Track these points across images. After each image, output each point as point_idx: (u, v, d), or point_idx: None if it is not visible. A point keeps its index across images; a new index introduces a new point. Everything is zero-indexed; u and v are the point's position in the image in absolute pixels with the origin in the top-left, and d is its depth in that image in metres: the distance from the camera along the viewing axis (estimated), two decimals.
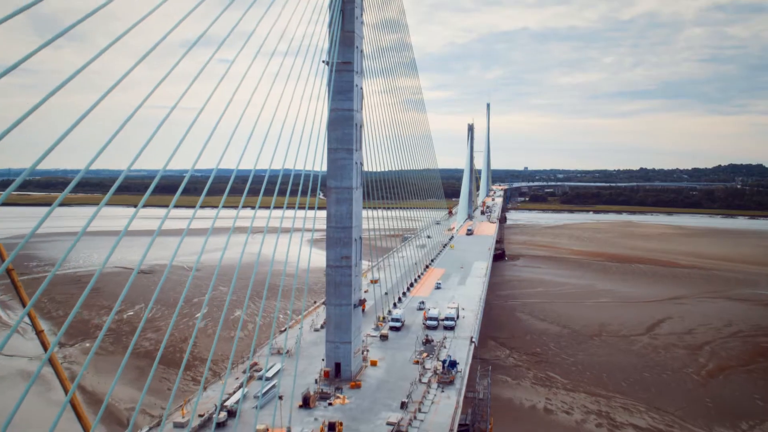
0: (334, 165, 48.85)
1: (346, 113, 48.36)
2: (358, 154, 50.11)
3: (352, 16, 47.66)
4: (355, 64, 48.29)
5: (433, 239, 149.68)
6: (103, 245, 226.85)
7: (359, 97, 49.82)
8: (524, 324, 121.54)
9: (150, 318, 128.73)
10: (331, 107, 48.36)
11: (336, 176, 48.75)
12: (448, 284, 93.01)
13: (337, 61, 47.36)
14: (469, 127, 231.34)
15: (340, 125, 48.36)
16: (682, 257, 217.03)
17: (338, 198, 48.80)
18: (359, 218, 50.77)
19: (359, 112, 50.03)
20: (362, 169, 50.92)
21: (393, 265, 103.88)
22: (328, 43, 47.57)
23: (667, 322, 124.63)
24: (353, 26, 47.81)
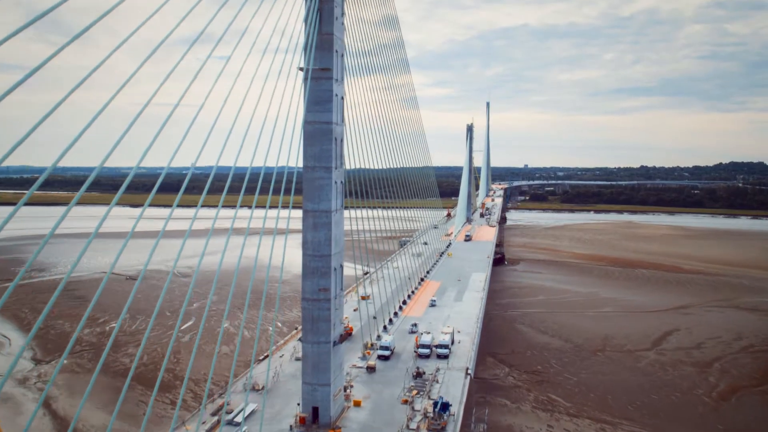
0: (310, 185, 43.24)
1: (323, 126, 42.81)
2: (339, 172, 44.53)
3: (330, 16, 42.06)
4: (335, 70, 42.71)
5: (430, 246, 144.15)
6: (96, 248, 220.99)
7: (340, 108, 44.23)
8: (525, 337, 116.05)
9: (133, 331, 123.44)
10: (307, 119, 42.82)
11: (313, 198, 43.21)
12: (443, 300, 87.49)
13: (313, 68, 41.80)
14: (468, 127, 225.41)
15: (317, 140, 42.84)
16: (686, 261, 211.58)
17: (315, 222, 43.25)
18: (340, 244, 45.26)
19: (340, 125, 44.46)
20: (343, 188, 45.38)
21: (387, 277, 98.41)
22: (305, 48, 42.11)
23: (674, 335, 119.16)
24: (332, 28, 42.23)
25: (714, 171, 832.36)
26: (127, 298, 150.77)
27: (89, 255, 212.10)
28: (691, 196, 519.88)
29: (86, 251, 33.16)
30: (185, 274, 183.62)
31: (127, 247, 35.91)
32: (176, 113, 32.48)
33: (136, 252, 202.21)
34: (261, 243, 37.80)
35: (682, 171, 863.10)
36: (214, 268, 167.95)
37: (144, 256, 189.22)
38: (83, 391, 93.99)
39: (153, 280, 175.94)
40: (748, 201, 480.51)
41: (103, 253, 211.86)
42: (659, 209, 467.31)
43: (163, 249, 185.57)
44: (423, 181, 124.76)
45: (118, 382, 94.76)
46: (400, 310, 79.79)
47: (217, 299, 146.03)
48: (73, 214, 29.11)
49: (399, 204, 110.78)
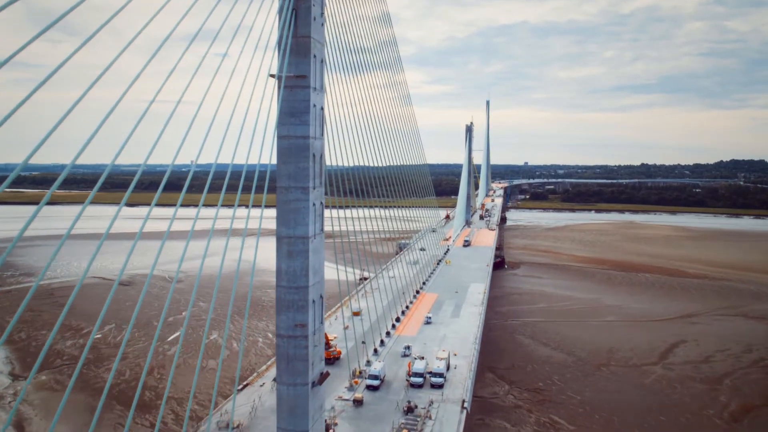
0: (285, 208, 38.19)
1: (300, 142, 37.79)
2: (318, 192, 39.53)
3: (307, 17, 36.99)
4: (313, 78, 37.67)
5: (427, 252, 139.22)
6: (87, 251, 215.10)
7: (319, 119, 39.17)
8: (525, 350, 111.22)
9: (118, 342, 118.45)
10: (280, 133, 37.84)
11: (288, 222, 38.19)
12: (439, 316, 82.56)
13: (287, 75, 36.79)
14: (467, 128, 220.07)
15: (292, 157, 37.83)
16: (691, 265, 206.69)
17: (290, 250, 38.26)
18: (320, 273, 40.29)
19: (319, 138, 39.44)
20: (323, 209, 40.30)
21: (381, 287, 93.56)
22: (279, 52, 37.10)
23: (680, 348, 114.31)
24: (309, 30, 37.19)
25: (715, 169, 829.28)
26: (115, 306, 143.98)
27: (81, 258, 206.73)
28: (693, 195, 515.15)
29: (80, 254, 29.82)
30: (181, 279, 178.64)
31: (121, 250, 32.99)
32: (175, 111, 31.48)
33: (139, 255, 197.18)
34: (256, 246, 35.16)
35: (683, 169, 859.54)
36: (210, 272, 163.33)
37: (140, 259, 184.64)
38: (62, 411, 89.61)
39: (143, 286, 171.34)
40: (750, 200, 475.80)
41: (107, 255, 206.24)
42: (661, 208, 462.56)
43: (168, 249, 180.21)
44: (419, 179, 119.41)
45: (97, 401, 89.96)
46: (392, 328, 74.93)
47: (207, 306, 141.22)
48: (70, 213, 30.67)
49: (393, 203, 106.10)
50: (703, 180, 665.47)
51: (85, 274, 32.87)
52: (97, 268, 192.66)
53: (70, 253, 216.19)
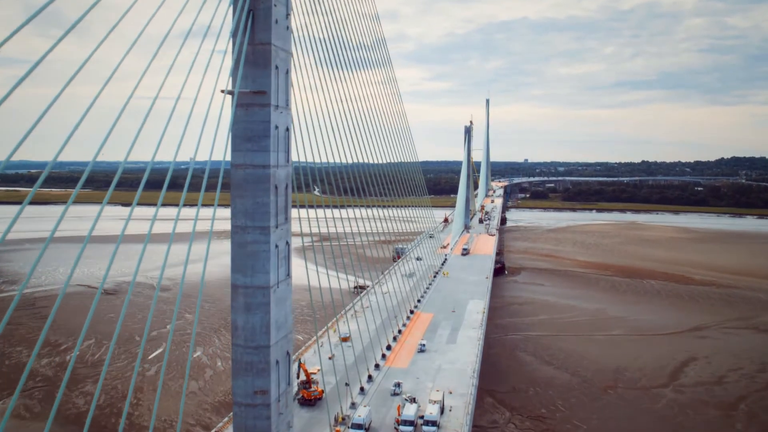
0: (240, 252, 31.57)
1: (258, 172, 31.23)
2: (282, 231, 32.95)
3: (267, 19, 30.38)
4: (275, 93, 30.98)
5: (424, 261, 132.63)
6: (75, 255, 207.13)
7: (284, 144, 32.49)
8: (527, 370, 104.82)
9: (96, 361, 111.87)
10: (234, 162, 31.28)
11: (244, 269, 31.61)
12: (435, 342, 75.94)
13: (242, 90, 30.25)
14: (466, 129, 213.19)
15: (248, 190, 31.24)
16: (696, 270, 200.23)
17: (248, 302, 31.64)
18: (286, 326, 33.66)
19: (284, 167, 32.75)
20: (290, 249, 33.66)
21: (373, 304, 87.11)
22: (232, 62, 30.52)
23: (691, 366, 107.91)
24: (269, 36, 30.56)
25: (716, 166, 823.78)
26: (97, 318, 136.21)
27: (69, 263, 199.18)
28: (695, 193, 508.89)
29: (67, 259, 24.79)
30: (164, 287, 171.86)
31: (109, 254, 28.64)
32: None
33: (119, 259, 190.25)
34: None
35: (684, 166, 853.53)
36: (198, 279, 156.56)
37: (127, 264, 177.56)
38: None
39: (132, 295, 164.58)
40: (753, 199, 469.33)
41: (83, 261, 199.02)
42: (663, 208, 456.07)
43: (147, 255, 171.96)
44: (411, 178, 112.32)
45: (66, 430, 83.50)
46: (383, 359, 68.49)
47: (193, 318, 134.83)
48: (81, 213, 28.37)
49: (386, 203, 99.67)
50: (704, 178, 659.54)
51: (64, 289, 29.09)
52: (81, 274, 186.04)
53: (57, 258, 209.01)
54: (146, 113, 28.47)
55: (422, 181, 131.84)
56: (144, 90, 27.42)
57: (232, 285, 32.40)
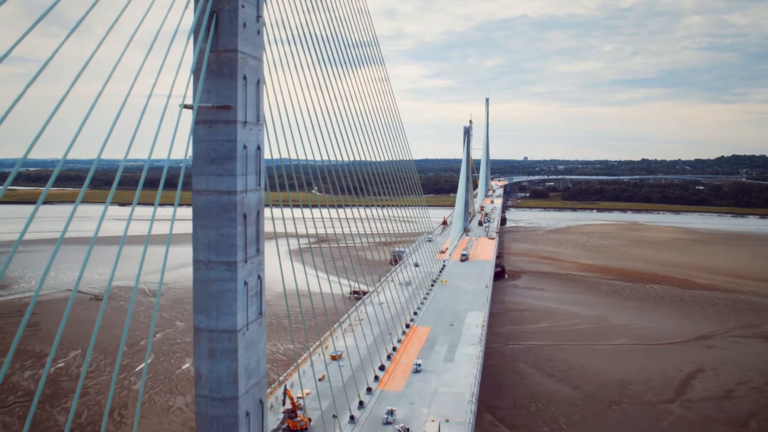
0: (204, 290, 27.50)
1: (223, 199, 27.12)
2: (252, 264, 28.89)
3: (233, 23, 26.27)
4: (242, 108, 26.82)
5: (422, 268, 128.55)
6: (74, 258, 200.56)
7: (254, 165, 28.29)
8: (528, 383, 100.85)
9: (78, 375, 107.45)
10: (196, 187, 27.22)
11: (208, 310, 27.47)
12: (431, 361, 71.74)
13: (204, 105, 26.17)
14: (465, 130, 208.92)
15: (212, 219, 27.13)
16: (700, 274, 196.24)
17: (212, 348, 27.45)
18: (258, 373, 29.49)
19: (255, 191, 28.56)
20: (262, 285, 29.55)
21: (367, 318, 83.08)
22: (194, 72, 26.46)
23: (698, 379, 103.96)
24: (236, 42, 26.43)
25: (716, 164, 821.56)
26: (86, 327, 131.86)
27: (66, 267, 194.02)
28: (696, 192, 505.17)
29: (65, 262, 21.64)
30: (156, 292, 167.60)
31: (107, 257, 25.90)
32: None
33: (110, 262, 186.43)
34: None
35: (684, 164, 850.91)
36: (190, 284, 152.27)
37: (121, 269, 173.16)
38: None
39: (121, 301, 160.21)
40: (754, 198, 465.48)
41: (74, 264, 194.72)
42: (664, 207, 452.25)
43: (136, 259, 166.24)
44: (404, 177, 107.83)
45: None
46: (375, 381, 64.39)
47: (183, 327, 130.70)
48: (65, 213, 26.95)
49: (381, 203, 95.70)
50: (705, 176, 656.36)
51: (35, 296, 25.67)
52: (72, 279, 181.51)
53: (55, 261, 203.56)
54: (117, 113, 25.06)
55: (417, 180, 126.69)
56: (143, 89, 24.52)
57: (195, 328, 28.34)
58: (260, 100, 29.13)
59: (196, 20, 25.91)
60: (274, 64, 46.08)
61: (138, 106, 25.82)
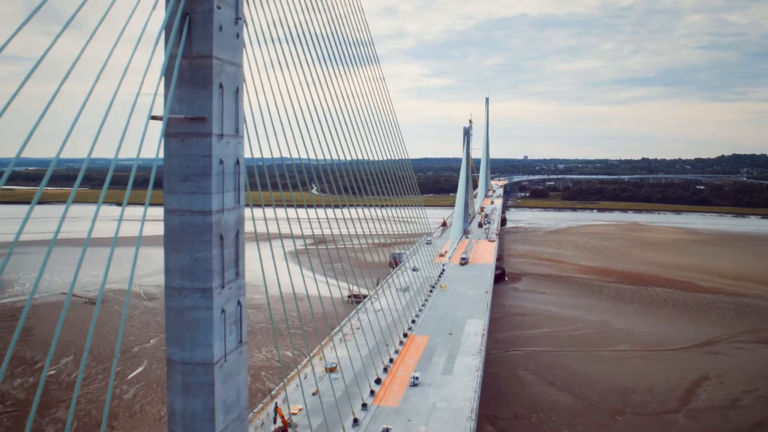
0: (177, 319, 25.03)
1: (197, 220, 24.66)
2: (231, 290, 26.46)
3: (207, 26, 23.81)
4: (218, 119, 24.32)
5: (420, 272, 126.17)
6: (70, 260, 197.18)
7: (233, 181, 25.78)
8: (529, 391, 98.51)
9: (72, 381, 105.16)
10: (168, 206, 24.85)
11: (182, 341, 24.96)
12: (429, 373, 69.27)
13: (175, 116, 23.79)
14: (465, 131, 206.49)
15: (185, 241, 24.64)
16: (703, 276, 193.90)
17: (187, 383, 24.92)
18: (239, 405, 27.14)
19: (233, 209, 26.09)
20: (243, 310, 27.16)
21: (364, 326, 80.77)
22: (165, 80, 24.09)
23: (703, 387, 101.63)
24: (210, 46, 23.95)
25: (717, 164, 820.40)
26: (81, 331, 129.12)
27: (60, 270, 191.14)
28: (697, 192, 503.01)
29: (60, 264, 19.79)
30: (152, 295, 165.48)
31: (100, 259, 24.10)
32: None
33: (115, 266, 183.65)
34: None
35: (684, 164, 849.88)
36: None
37: (117, 270, 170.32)
38: None
39: (116, 304, 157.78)
40: (756, 198, 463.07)
41: (70, 267, 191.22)
42: (665, 207, 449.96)
43: (139, 261, 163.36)
44: (400, 177, 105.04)
45: None
46: (371, 395, 62.02)
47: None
48: (56, 213, 25.02)
49: (378, 203, 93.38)
50: (705, 175, 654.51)
51: (30, 299, 23.40)
52: (67, 282, 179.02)
53: (49, 263, 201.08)
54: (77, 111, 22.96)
55: (414, 180, 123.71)
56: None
57: (168, 360, 25.97)
58: (239, 110, 26.70)
59: (164, 22, 23.47)
60: (264, 64, 43.75)
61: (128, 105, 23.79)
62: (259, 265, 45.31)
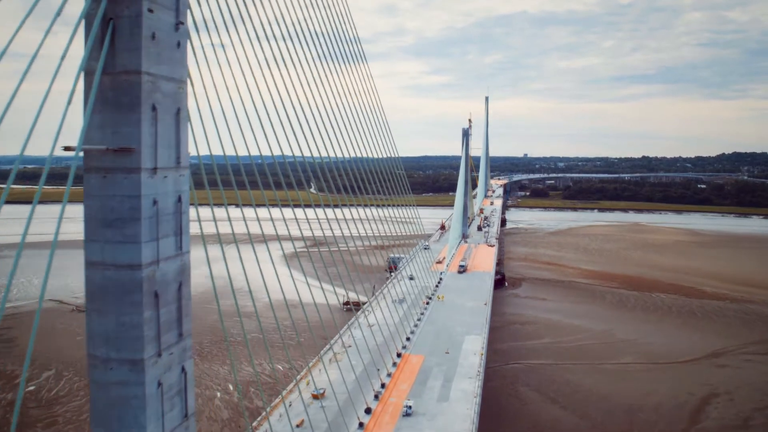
0: (101, 395, 20.06)
1: (124, 275, 19.92)
2: (170, 357, 21.51)
3: (135, 34, 19.02)
4: (149, 151, 19.26)
5: (417, 281, 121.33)
6: (61, 264, 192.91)
7: (172, 225, 21.00)
8: (530, 410, 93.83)
9: (52, 398, 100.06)
10: (88, 258, 19.97)
11: (107, 423, 19.86)
12: (423, 400, 64.27)
13: (90, 148, 18.98)
14: (464, 131, 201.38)
15: (110, 303, 19.94)
16: (707, 281, 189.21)
17: None
18: None
19: (174, 258, 21.21)
20: (189, 382, 22.33)
21: (356, 343, 75.92)
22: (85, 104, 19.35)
23: (712, 405, 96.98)
24: (139, 58, 19.07)
25: (717, 162, 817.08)
26: (67, 342, 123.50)
27: (38, 276, 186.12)
28: (698, 192, 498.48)
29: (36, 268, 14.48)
30: None
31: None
32: None
33: None
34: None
35: (685, 162, 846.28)
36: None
37: None
38: None
39: None
40: (758, 198, 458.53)
41: (56, 271, 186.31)
42: (666, 207, 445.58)
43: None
44: (389, 176, 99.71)
45: None
46: (360, 428, 57.24)
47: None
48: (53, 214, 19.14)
49: (368, 201, 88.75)
50: (706, 174, 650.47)
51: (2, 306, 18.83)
52: (55, 287, 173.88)
53: (37, 266, 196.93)
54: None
55: (406, 181, 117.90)
56: None
57: None
58: (182, 136, 21.83)
59: (76, 28, 18.57)
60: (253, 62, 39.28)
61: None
62: (252, 270, 43.37)
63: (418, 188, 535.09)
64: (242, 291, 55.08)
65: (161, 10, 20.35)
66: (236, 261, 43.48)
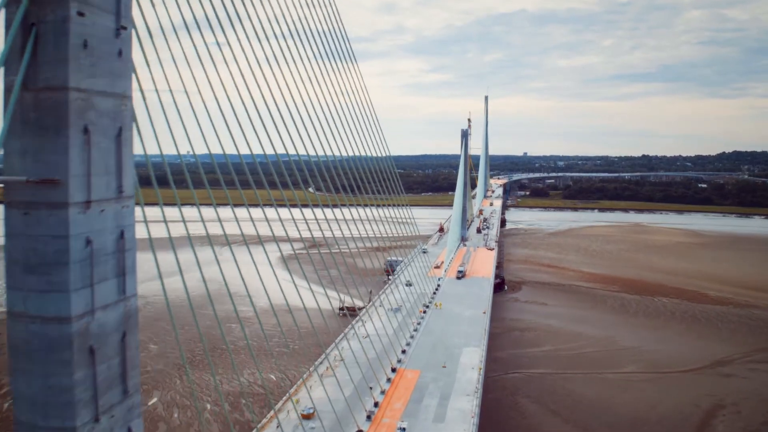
0: None
1: (51, 330, 16.52)
2: (112, 420, 18.41)
3: (62, 42, 15.77)
4: (81, 181, 15.97)
5: (414, 287, 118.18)
6: None
7: (112, 267, 17.70)
8: (531, 423, 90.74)
9: None
10: (10, 307, 16.76)
11: None
12: (419, 421, 60.76)
13: (8, 179, 15.91)
14: (463, 132, 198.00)
15: (36, 362, 16.64)
16: (710, 284, 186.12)
17: None
18: None
19: (115, 305, 18.05)
20: None
21: (348, 357, 72.89)
22: None
23: (719, 418, 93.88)
24: (66, 72, 15.94)
25: (717, 161, 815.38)
26: None
27: None
28: (699, 191, 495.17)
29: None
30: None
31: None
32: None
33: None
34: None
35: (685, 161, 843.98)
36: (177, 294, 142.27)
37: None
38: None
39: None
40: (759, 197, 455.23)
41: None
42: (667, 207, 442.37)
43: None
44: (382, 174, 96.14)
45: None
46: None
47: (157, 350, 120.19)
48: None
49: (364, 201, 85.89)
50: (706, 173, 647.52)
51: None
52: None
53: None
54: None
55: (399, 183, 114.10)
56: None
57: None
58: (126, 161, 18.65)
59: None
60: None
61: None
62: (249, 274, 42.41)
63: (417, 188, 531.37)
64: (236, 296, 52.70)
65: (96, 14, 17.05)
66: (230, 263, 42.27)
